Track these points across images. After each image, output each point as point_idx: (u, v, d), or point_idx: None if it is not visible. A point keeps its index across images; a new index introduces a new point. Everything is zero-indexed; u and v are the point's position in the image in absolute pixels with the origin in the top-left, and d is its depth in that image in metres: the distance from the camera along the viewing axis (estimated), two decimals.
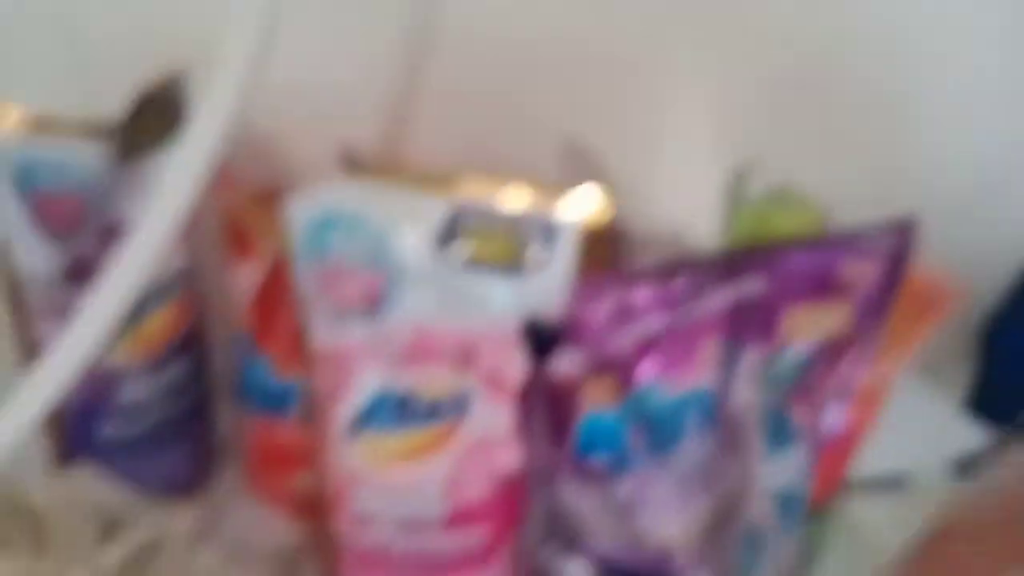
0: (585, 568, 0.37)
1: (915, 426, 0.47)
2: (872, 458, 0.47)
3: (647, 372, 0.33)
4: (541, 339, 0.32)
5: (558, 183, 0.38)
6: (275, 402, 0.49)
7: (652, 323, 0.33)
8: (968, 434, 0.47)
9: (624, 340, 0.32)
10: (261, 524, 0.51)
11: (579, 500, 0.35)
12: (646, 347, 0.33)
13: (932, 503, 0.48)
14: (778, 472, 0.40)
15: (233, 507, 0.52)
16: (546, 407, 0.33)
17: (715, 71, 0.50)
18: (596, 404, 0.33)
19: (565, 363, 0.32)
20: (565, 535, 0.37)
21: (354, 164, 0.47)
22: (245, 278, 0.48)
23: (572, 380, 0.32)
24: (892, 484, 0.49)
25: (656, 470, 0.34)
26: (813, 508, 0.44)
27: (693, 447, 0.35)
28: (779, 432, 0.40)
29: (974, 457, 0.46)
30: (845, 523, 0.52)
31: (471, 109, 0.50)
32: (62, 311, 0.45)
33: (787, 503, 0.41)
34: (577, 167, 0.46)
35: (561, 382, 0.32)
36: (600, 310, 0.32)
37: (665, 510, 0.35)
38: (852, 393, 0.41)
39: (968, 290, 0.41)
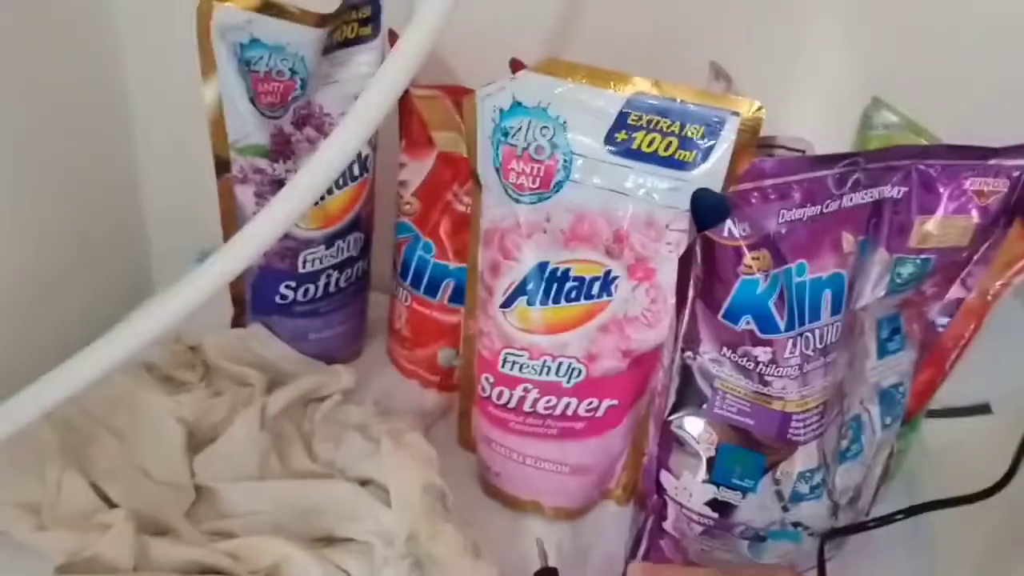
0: (713, 427, 0.42)
1: (1009, 351, 0.50)
2: (963, 379, 0.51)
3: (796, 251, 0.38)
4: (709, 209, 0.37)
5: (713, 93, 0.43)
6: (431, 283, 0.55)
7: (806, 209, 0.37)
8: None
9: (779, 220, 0.37)
10: (403, 389, 0.58)
11: (718, 364, 0.40)
12: (798, 228, 0.37)
13: (1016, 430, 0.51)
14: (886, 371, 0.45)
15: (379, 374, 0.59)
16: (708, 269, 0.38)
17: (853, 8, 0.54)
18: (750, 272, 0.37)
19: (730, 231, 0.37)
20: (697, 398, 0.42)
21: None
22: (416, 169, 0.54)
23: (734, 247, 0.37)
24: (978, 409, 0.53)
25: (791, 341, 0.39)
26: (906, 416, 0.48)
27: (824, 327, 0.39)
28: (892, 335, 0.44)
29: None
30: (930, 441, 0.56)
31: (627, 33, 0.55)
32: (257, 181, 0.52)
33: (890, 403, 0.45)
34: (722, 89, 0.51)
35: (725, 247, 0.37)
36: (762, 190, 0.37)
37: (792, 379, 0.40)
38: (959, 307, 0.45)
39: None
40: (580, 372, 0.47)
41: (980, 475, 0.49)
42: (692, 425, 0.42)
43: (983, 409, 0.54)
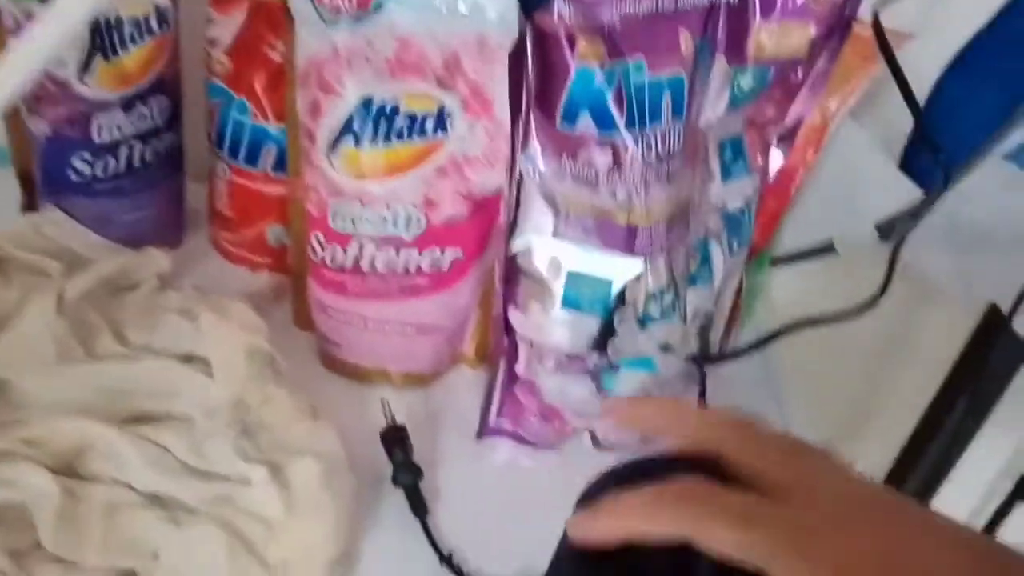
0: (558, 252, 0.39)
1: (849, 179, 0.51)
2: (805, 218, 0.51)
3: (632, 46, 0.35)
4: None
5: None
6: (251, 150, 0.49)
7: (640, 3, 0.35)
8: (899, 192, 0.51)
9: (614, 11, 0.35)
10: (230, 276, 0.53)
11: (559, 177, 0.38)
12: (634, 23, 0.35)
13: (859, 266, 0.51)
14: (731, 195, 0.44)
15: (202, 263, 0.53)
16: (541, 65, 0.35)
17: None
18: (586, 61, 0.35)
19: (560, 13, 0.34)
20: (540, 222, 0.39)
21: None
22: (225, 24, 0.48)
23: (567, 34, 0.34)
24: (823, 250, 0.53)
25: (632, 144, 0.37)
26: (754, 248, 0.48)
27: (665, 131, 0.37)
28: (735, 157, 0.43)
29: (896, 219, 0.50)
30: (776, 295, 0.56)
31: None
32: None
33: (736, 227, 0.44)
34: None
35: (557, 37, 0.34)
36: None
37: (635, 186, 0.38)
38: (798, 130, 0.44)
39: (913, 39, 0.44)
40: (419, 221, 0.44)
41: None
42: (537, 252, 0.40)
43: (828, 249, 0.54)
